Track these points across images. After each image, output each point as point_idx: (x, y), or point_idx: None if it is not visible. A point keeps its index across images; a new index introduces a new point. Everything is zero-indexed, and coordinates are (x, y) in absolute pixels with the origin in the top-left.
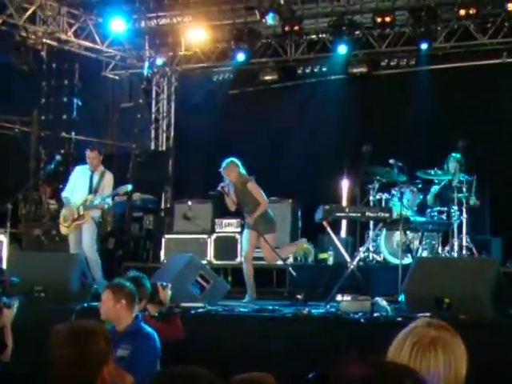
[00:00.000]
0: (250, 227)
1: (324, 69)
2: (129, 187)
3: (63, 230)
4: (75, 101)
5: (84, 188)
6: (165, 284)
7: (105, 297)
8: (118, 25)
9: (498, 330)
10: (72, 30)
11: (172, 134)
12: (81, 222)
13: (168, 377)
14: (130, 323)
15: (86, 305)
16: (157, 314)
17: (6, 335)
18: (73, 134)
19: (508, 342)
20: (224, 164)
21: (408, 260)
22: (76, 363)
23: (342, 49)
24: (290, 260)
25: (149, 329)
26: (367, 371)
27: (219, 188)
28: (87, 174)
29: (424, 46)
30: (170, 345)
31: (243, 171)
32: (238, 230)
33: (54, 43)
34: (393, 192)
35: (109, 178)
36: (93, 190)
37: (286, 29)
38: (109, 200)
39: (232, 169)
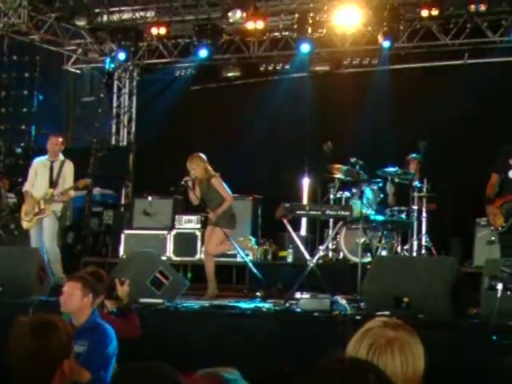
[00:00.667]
0: (211, 223)
1: (286, 66)
2: (88, 180)
3: (25, 224)
4: (36, 94)
5: (44, 180)
6: (123, 279)
7: (71, 289)
8: (80, 18)
9: (456, 330)
10: (33, 22)
11: (133, 129)
12: (42, 216)
13: (131, 372)
14: (88, 318)
15: (44, 299)
16: (114, 310)
17: None
18: (33, 127)
19: (465, 342)
20: (190, 158)
21: (368, 259)
22: (36, 356)
23: (305, 47)
24: (250, 257)
25: (106, 325)
26: (329, 366)
27: (183, 182)
28: (47, 166)
29: (386, 44)
30: (128, 341)
31: (208, 166)
32: (198, 226)
33: (15, 36)
34: (353, 190)
35: (68, 166)
36: (53, 183)
37: (250, 26)
38: (71, 192)
39: (197, 163)
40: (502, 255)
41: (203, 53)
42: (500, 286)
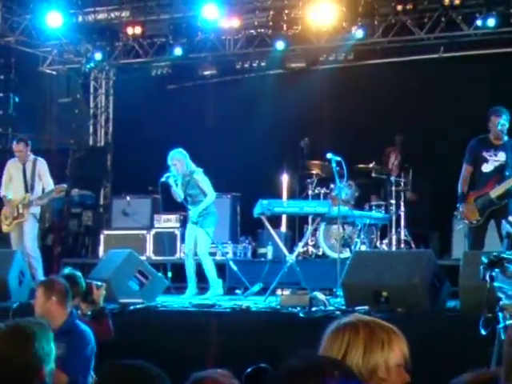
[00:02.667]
0: (192, 221)
1: (263, 63)
2: (63, 187)
3: (4, 228)
4: (12, 96)
5: (19, 183)
6: (99, 284)
7: (37, 293)
8: (54, 19)
9: (434, 322)
10: (8, 24)
11: (110, 129)
12: (21, 221)
13: (118, 370)
14: (64, 320)
15: (23, 302)
16: (88, 313)
17: None
18: (9, 129)
19: (444, 334)
20: (171, 154)
21: (347, 254)
22: (13, 364)
23: (280, 45)
24: (230, 255)
25: (84, 326)
26: (295, 364)
27: (164, 179)
28: (19, 168)
29: (359, 34)
30: (107, 341)
31: (190, 161)
32: (178, 225)
33: None
34: (331, 186)
35: (41, 165)
36: (29, 186)
37: (225, 23)
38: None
39: (179, 159)
40: (471, 249)
41: (178, 51)
42: (489, 278)
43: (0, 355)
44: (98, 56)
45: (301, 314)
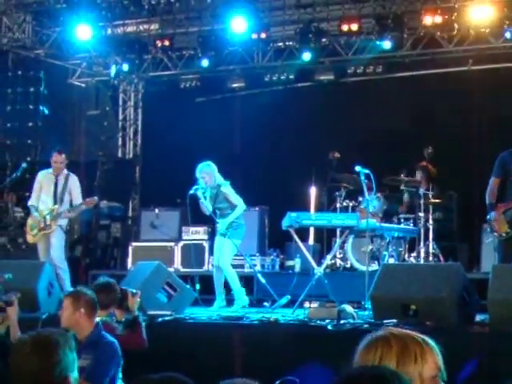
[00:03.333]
0: (220, 233)
1: (291, 76)
2: (95, 199)
3: (30, 239)
4: (41, 108)
5: (49, 195)
6: (135, 291)
7: (64, 305)
8: (83, 32)
9: (463, 336)
10: (38, 37)
11: (139, 141)
12: (48, 232)
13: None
14: (91, 332)
15: (52, 313)
16: (123, 320)
17: (14, 335)
18: (38, 142)
19: (473, 348)
20: (200, 167)
21: (375, 267)
22: (39, 374)
23: (307, 56)
24: (258, 267)
25: (110, 337)
26: (355, 372)
27: (192, 191)
28: (51, 180)
29: (387, 46)
30: (137, 353)
31: (218, 174)
32: (206, 237)
33: (20, 51)
34: (359, 199)
35: (73, 181)
36: (58, 198)
37: (253, 36)
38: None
39: (207, 172)
40: (502, 262)
41: (205, 62)
42: None
43: (26, 365)
44: (126, 67)
45: (329, 327)
